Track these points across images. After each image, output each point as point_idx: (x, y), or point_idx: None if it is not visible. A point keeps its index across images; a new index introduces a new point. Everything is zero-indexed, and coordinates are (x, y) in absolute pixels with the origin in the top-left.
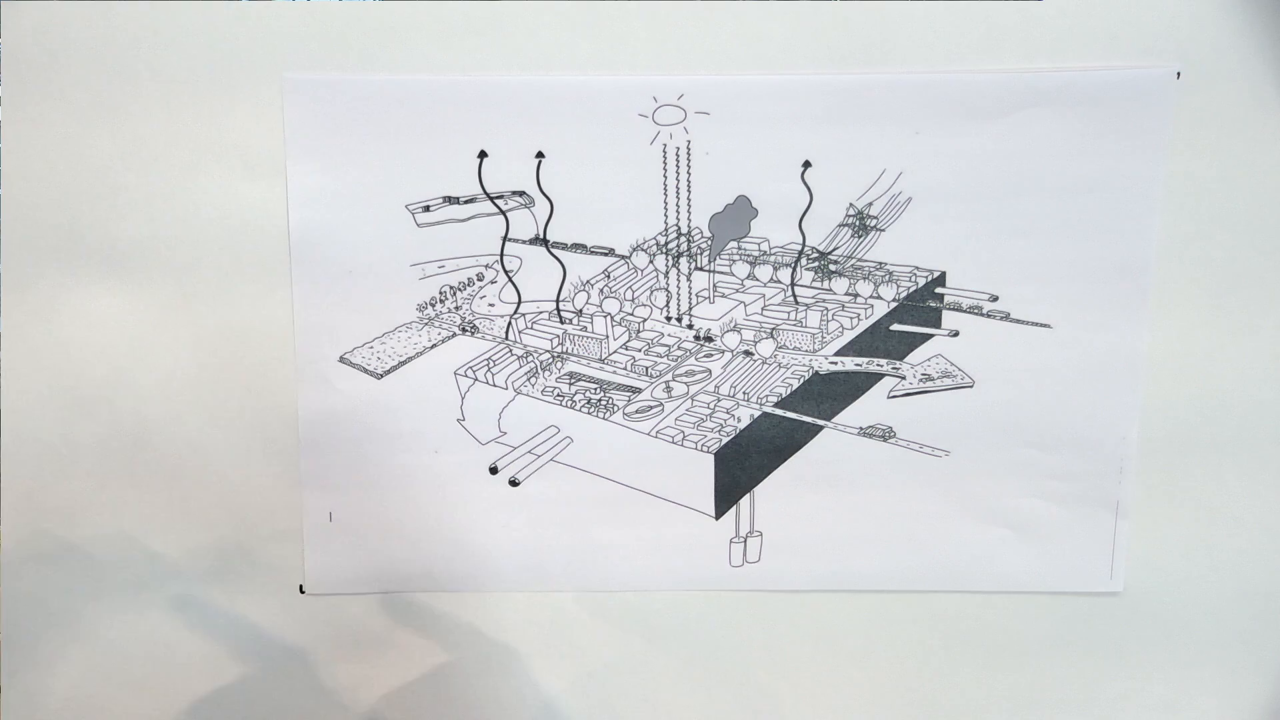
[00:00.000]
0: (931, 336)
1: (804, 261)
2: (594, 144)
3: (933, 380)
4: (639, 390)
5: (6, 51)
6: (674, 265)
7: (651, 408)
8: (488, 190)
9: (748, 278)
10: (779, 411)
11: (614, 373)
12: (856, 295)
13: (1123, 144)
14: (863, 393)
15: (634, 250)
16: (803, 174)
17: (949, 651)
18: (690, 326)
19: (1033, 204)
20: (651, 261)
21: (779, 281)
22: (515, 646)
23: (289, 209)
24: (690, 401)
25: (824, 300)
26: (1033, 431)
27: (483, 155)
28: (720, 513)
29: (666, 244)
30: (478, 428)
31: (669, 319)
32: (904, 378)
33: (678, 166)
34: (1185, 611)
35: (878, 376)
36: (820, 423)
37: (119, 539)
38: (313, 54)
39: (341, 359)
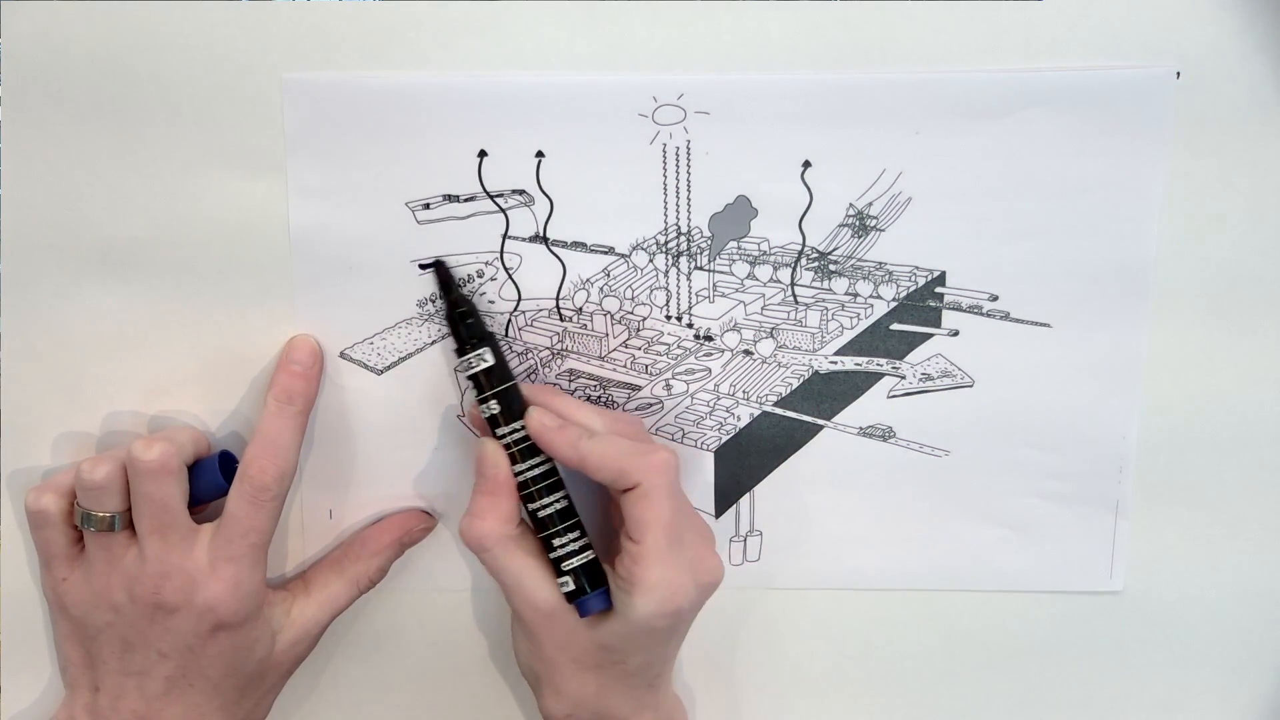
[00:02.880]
0: (931, 336)
1: (804, 261)
2: (594, 143)
3: (932, 380)
4: (639, 388)
5: (6, 51)
6: (674, 264)
7: (651, 405)
8: (488, 189)
9: (747, 277)
10: (779, 411)
11: (613, 370)
12: (856, 295)
13: (1123, 144)
14: (862, 392)
15: (634, 249)
16: (803, 174)
17: (949, 651)
18: (690, 325)
19: (1033, 204)
20: (651, 260)
21: (779, 281)
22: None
23: (289, 207)
24: (690, 400)
25: (824, 300)
26: (1033, 431)
27: (483, 154)
28: (720, 511)
29: (666, 243)
30: (478, 424)
31: (669, 318)
32: (904, 377)
33: (678, 166)
34: (1185, 611)
35: (878, 376)
36: (820, 422)
37: None
38: (313, 54)
39: (341, 355)
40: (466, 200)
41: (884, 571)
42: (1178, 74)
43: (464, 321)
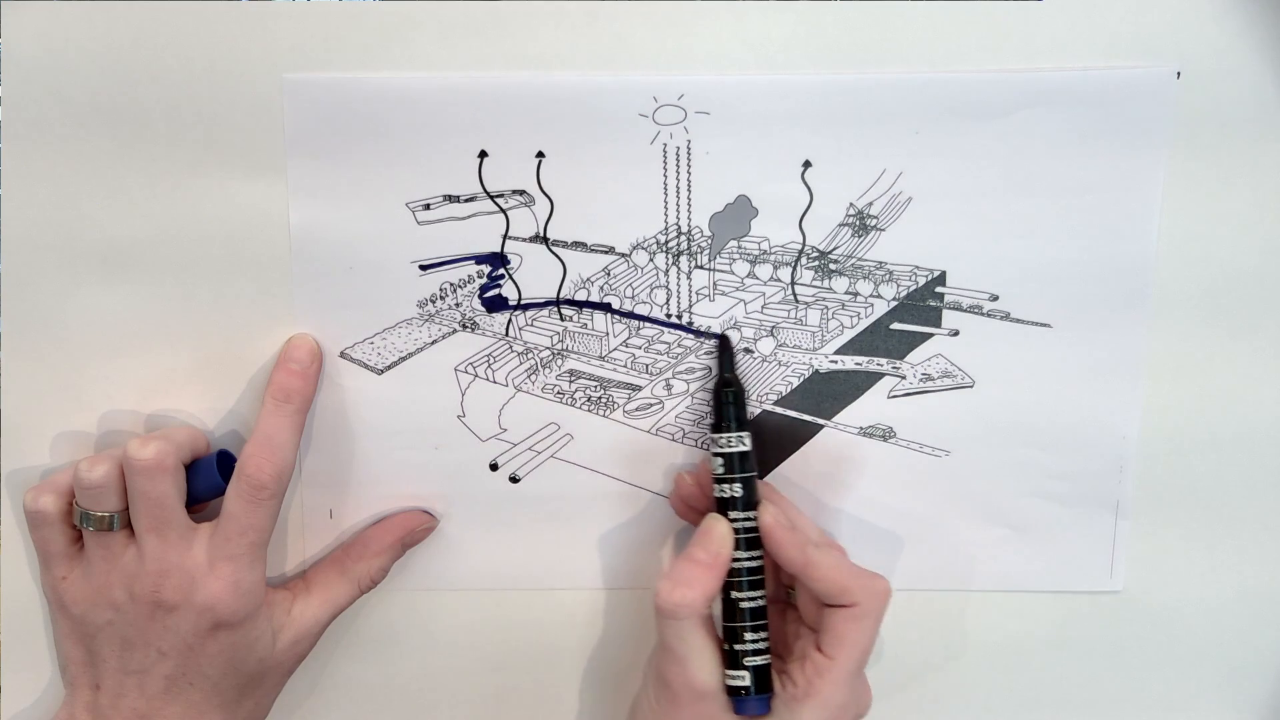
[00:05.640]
0: (931, 336)
1: (804, 260)
2: (594, 144)
3: (933, 380)
4: (639, 387)
5: (6, 52)
6: (674, 263)
7: (651, 405)
8: (488, 189)
9: (748, 276)
10: (779, 410)
11: (614, 370)
12: (856, 294)
13: (1123, 144)
14: (863, 392)
15: (634, 248)
16: (803, 174)
17: (949, 651)
18: (690, 324)
19: (1033, 204)
20: (651, 260)
21: (779, 280)
22: (515, 645)
23: (289, 207)
24: (690, 399)
25: (824, 299)
26: (1033, 431)
27: (483, 155)
28: None
29: (666, 242)
30: (478, 424)
31: (669, 316)
32: (904, 377)
33: (678, 166)
34: (1185, 611)
35: (878, 376)
36: (820, 422)
37: None
38: (313, 54)
39: (342, 355)
40: (466, 200)
41: (884, 572)
42: (1178, 74)
43: (734, 402)
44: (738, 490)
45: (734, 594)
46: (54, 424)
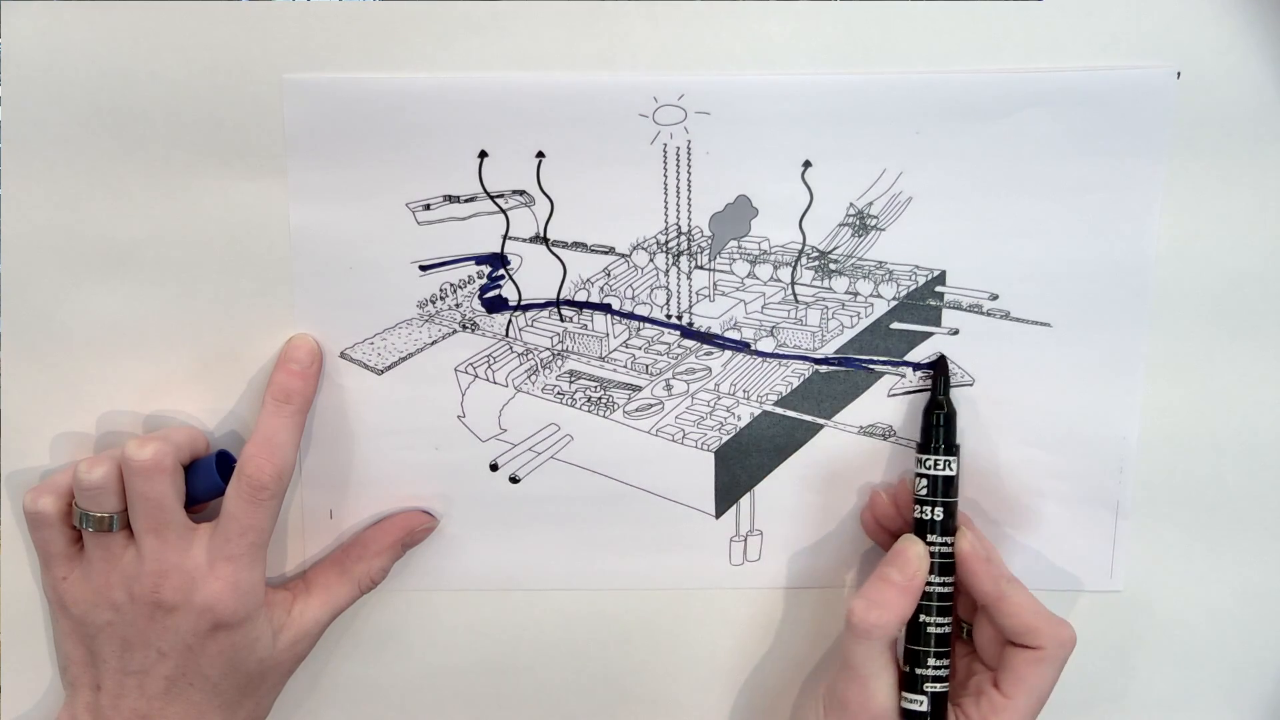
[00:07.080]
0: (931, 335)
1: (804, 260)
2: (594, 144)
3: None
4: (639, 388)
5: (6, 52)
6: (674, 264)
7: (651, 406)
8: (488, 189)
9: (748, 276)
10: (779, 410)
11: (614, 370)
12: (856, 294)
13: (1123, 144)
14: (862, 391)
15: (634, 249)
16: (803, 174)
17: None
18: (690, 324)
19: (1033, 204)
20: (652, 260)
21: (779, 280)
22: (515, 645)
23: (289, 208)
24: (690, 399)
25: (824, 299)
26: (1033, 431)
27: (483, 155)
28: (720, 511)
29: (667, 243)
30: (478, 425)
31: (669, 317)
32: (904, 376)
33: (678, 166)
34: (1185, 611)
35: (878, 375)
36: (820, 421)
37: None
38: (313, 54)
39: (342, 355)
40: (467, 201)
41: None
42: (1178, 74)
43: (946, 424)
44: (939, 514)
45: (923, 618)
46: (54, 424)
